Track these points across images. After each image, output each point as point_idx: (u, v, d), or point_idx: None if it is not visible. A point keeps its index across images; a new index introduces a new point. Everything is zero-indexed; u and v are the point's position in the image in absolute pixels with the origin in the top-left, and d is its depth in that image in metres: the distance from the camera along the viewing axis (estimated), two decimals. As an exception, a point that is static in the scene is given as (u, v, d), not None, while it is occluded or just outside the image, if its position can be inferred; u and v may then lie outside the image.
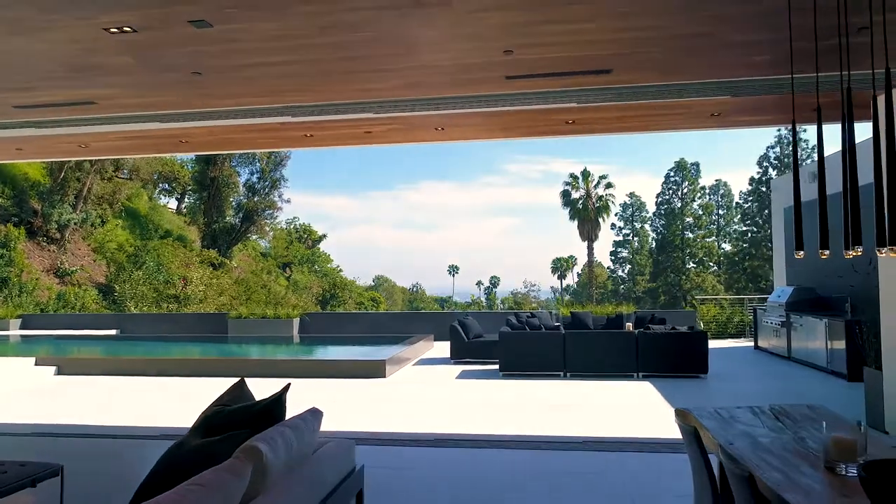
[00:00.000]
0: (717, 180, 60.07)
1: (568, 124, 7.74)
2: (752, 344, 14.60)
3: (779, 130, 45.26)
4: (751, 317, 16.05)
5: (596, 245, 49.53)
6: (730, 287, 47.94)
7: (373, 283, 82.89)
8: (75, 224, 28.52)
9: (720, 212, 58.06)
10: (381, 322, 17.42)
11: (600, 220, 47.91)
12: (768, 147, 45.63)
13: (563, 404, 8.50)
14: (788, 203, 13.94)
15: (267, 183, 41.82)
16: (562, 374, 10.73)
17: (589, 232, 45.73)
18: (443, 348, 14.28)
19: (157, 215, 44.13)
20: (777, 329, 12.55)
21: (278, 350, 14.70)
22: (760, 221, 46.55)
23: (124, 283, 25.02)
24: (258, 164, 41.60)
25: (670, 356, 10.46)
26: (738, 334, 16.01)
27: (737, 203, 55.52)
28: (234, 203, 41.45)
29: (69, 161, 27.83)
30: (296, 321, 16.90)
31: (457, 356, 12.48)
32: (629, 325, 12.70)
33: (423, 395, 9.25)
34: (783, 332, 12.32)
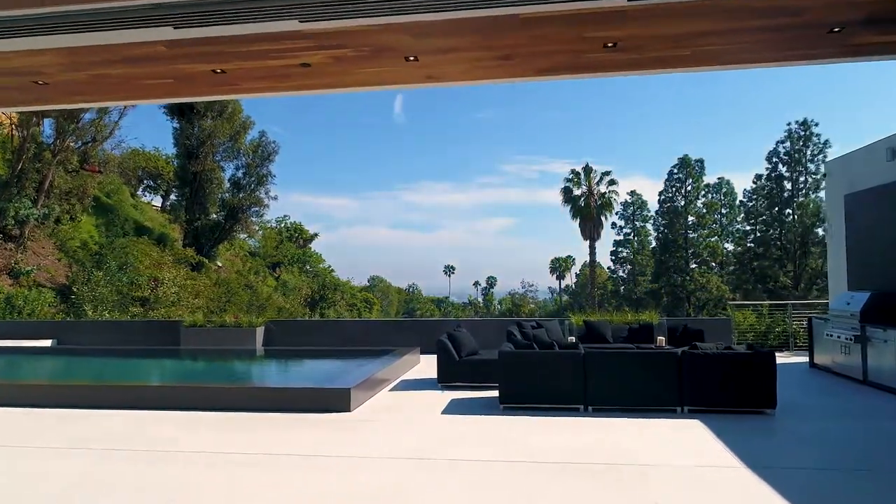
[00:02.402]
0: (719, 178, 57.39)
1: (607, 49, 5.01)
2: (804, 360, 11.90)
3: (789, 125, 42.64)
4: (795, 326, 13.36)
5: (598, 244, 46.75)
6: (737, 288, 45.27)
7: (368, 284, 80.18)
8: (36, 220, 25.74)
9: (723, 210, 55.49)
10: (360, 331, 14.68)
11: (602, 218, 45.04)
12: (778, 142, 42.97)
13: (591, 462, 5.78)
14: (852, 189, 11.25)
15: (253, 179, 39.03)
16: (581, 408, 8.00)
17: (591, 231, 42.92)
18: (430, 364, 11.56)
19: (140, 213, 41.52)
20: (847, 344, 9.83)
21: (224, 369, 11.96)
22: (769, 220, 43.87)
23: (83, 285, 22.25)
24: (243, 158, 38.86)
25: (726, 384, 7.73)
26: (780, 347, 13.30)
27: (740, 202, 52.98)
28: (218, 200, 38.63)
29: (27, 151, 25.07)
30: (259, 330, 14.16)
31: (446, 379, 9.74)
32: (661, 340, 9.99)
33: (392, 445, 6.51)
34: (856, 348, 9.61)
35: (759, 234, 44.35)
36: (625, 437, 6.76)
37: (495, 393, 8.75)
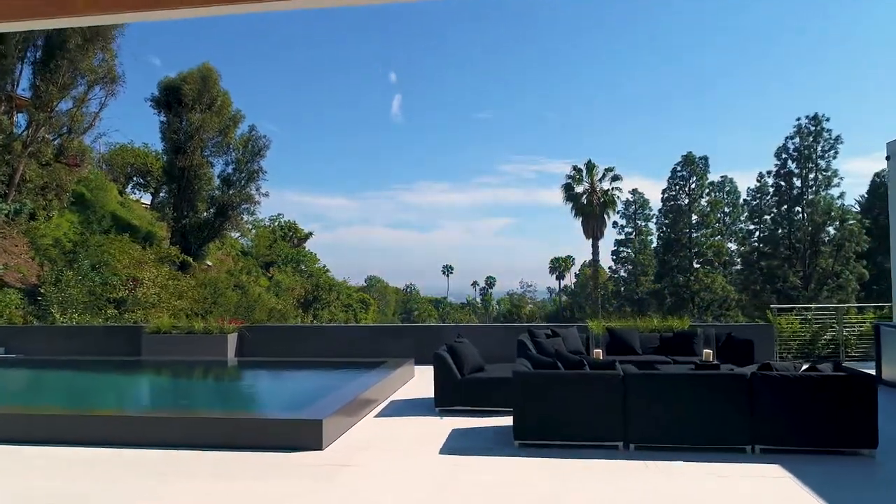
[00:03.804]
0: (722, 177, 55.67)
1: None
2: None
3: (798, 120, 40.80)
4: (847, 333, 11.50)
5: (600, 243, 44.79)
6: (745, 289, 43.47)
7: (365, 284, 78.31)
8: (7, 216, 23.80)
9: (725, 209, 53.74)
10: (349, 339, 12.80)
11: (605, 216, 43.03)
12: (787, 137, 41.12)
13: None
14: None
15: (243, 175, 37.08)
16: (620, 445, 6.12)
17: (594, 229, 40.95)
18: (426, 379, 9.71)
19: (127, 210, 39.69)
20: (935, 359, 7.99)
21: (178, 386, 10.04)
22: (778, 218, 42.07)
23: (51, 286, 20.33)
24: (233, 153, 36.93)
25: (811, 417, 5.86)
26: (829, 357, 11.44)
27: (744, 200, 51.33)
28: (207, 196, 36.63)
29: (-6, 141, 23.12)
30: (232, 338, 12.26)
31: (445, 402, 7.86)
32: (708, 353, 8.11)
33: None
34: (948, 364, 7.76)
35: (766, 233, 42.52)
36: (683, 491, 4.88)
37: (506, 420, 6.89)
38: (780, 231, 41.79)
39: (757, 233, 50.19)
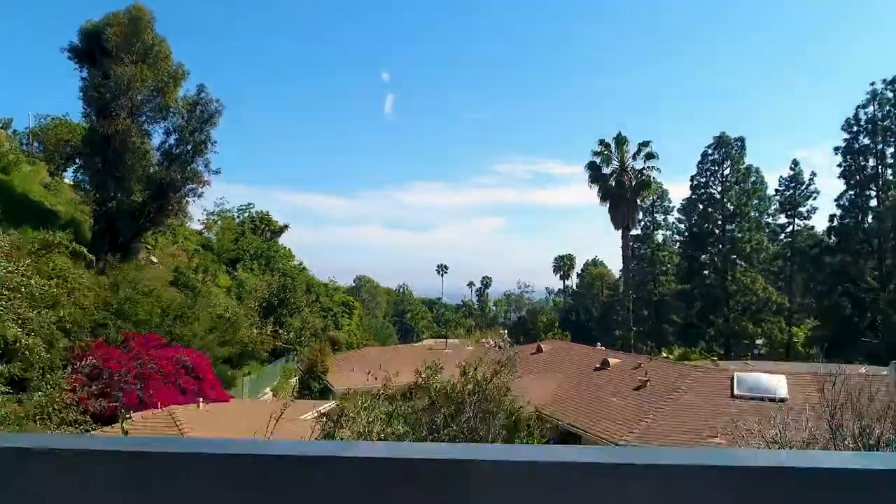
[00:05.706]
0: (747, 166, 47.59)
1: None
2: None
3: (873, 84, 32.70)
4: None
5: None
6: (808, 290, 35.33)
7: (353, 284, 69.78)
8: None
9: (754, 201, 45.62)
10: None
11: (638, 201, 34.41)
12: (858, 107, 33.02)
13: None
14: None
15: (188, 147, 28.42)
16: None
17: (625, 216, 32.48)
18: None
19: (52, 194, 31.23)
20: None
21: None
22: (847, 205, 33.94)
23: None
24: (175, 118, 28.25)
25: None
26: None
27: (776, 190, 43.53)
28: (142, 174, 27.91)
29: None
30: None
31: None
32: None
33: None
34: None
35: (836, 224, 34.26)
36: None
37: None
38: (848, 220, 33.64)
39: (790, 227, 42.45)
